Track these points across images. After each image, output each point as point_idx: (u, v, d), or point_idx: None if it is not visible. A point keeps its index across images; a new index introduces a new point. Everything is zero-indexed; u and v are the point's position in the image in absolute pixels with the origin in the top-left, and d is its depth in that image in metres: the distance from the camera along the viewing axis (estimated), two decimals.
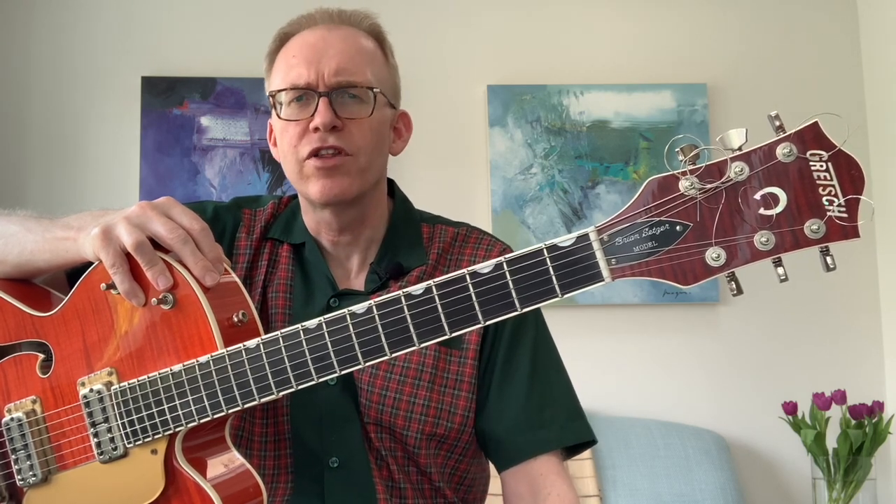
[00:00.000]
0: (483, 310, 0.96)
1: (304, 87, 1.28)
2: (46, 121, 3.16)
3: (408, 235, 1.40)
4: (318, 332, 1.02)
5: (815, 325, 3.21)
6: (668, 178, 0.90)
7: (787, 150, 0.85)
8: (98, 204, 2.29)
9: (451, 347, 1.33)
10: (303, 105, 1.29)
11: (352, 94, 1.29)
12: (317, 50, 1.29)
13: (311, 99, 1.27)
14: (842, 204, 0.84)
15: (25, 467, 1.15)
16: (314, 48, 1.29)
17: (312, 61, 1.28)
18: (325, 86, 1.27)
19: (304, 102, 1.29)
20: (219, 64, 3.16)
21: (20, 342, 1.19)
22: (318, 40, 1.30)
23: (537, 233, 3.17)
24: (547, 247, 0.93)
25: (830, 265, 0.85)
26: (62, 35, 3.18)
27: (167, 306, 1.08)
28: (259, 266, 1.37)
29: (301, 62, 1.28)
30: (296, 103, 1.29)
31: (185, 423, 1.07)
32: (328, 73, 1.27)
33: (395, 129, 1.39)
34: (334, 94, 1.27)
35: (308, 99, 1.28)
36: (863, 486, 2.80)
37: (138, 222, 1.07)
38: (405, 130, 1.42)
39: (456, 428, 1.32)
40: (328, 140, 1.26)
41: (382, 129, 1.33)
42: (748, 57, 3.31)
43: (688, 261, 0.89)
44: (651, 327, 3.18)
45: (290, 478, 1.30)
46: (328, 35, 1.31)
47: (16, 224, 1.24)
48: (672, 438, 2.93)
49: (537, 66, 3.26)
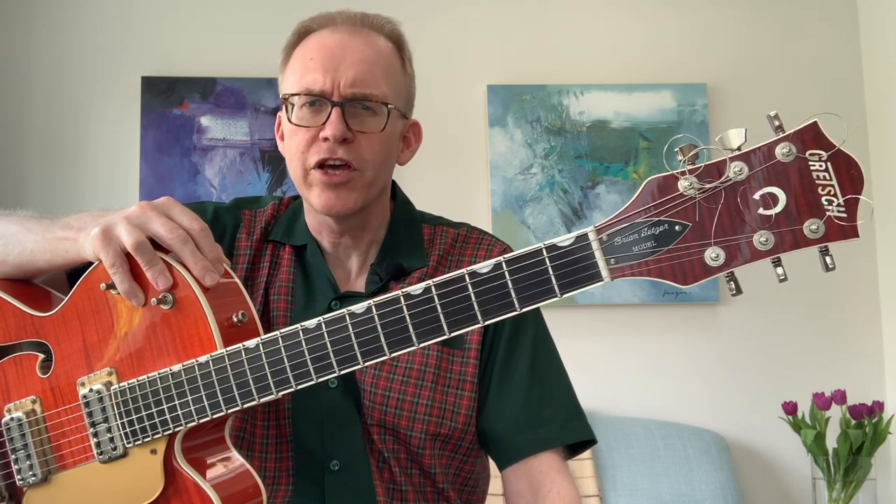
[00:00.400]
0: (482, 310, 0.96)
1: (318, 94, 1.26)
2: (46, 121, 3.16)
3: (409, 237, 1.39)
4: (317, 332, 1.02)
5: (815, 326, 3.21)
6: (667, 177, 0.89)
7: (786, 150, 0.85)
8: (98, 204, 2.29)
9: (454, 347, 1.33)
10: (315, 111, 1.27)
11: (365, 106, 1.27)
12: (335, 56, 1.27)
13: (324, 107, 1.26)
14: (841, 204, 0.84)
15: (25, 467, 1.15)
16: (332, 53, 1.27)
17: (329, 68, 1.26)
18: (340, 96, 1.25)
19: (316, 108, 1.27)
20: (219, 64, 3.16)
21: (20, 342, 1.19)
22: (337, 45, 1.28)
23: (537, 233, 3.17)
24: (546, 247, 0.93)
25: (830, 265, 0.85)
26: (62, 35, 3.18)
27: (167, 306, 1.08)
28: (261, 268, 1.37)
29: (318, 66, 1.27)
30: (308, 108, 1.28)
31: (184, 423, 1.07)
32: (344, 82, 1.25)
33: (404, 138, 1.38)
34: (348, 105, 1.26)
35: (321, 106, 1.26)
36: (863, 486, 2.80)
37: (138, 222, 1.07)
38: (414, 141, 1.41)
39: (460, 427, 1.32)
40: (337, 152, 1.25)
41: (392, 143, 1.32)
42: (748, 57, 3.30)
43: (687, 261, 0.89)
44: (651, 327, 3.18)
45: (290, 480, 1.30)
46: (348, 41, 1.29)
47: (16, 224, 1.24)
48: (672, 438, 2.93)
49: (537, 66, 3.25)
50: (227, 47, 3.18)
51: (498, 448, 1.34)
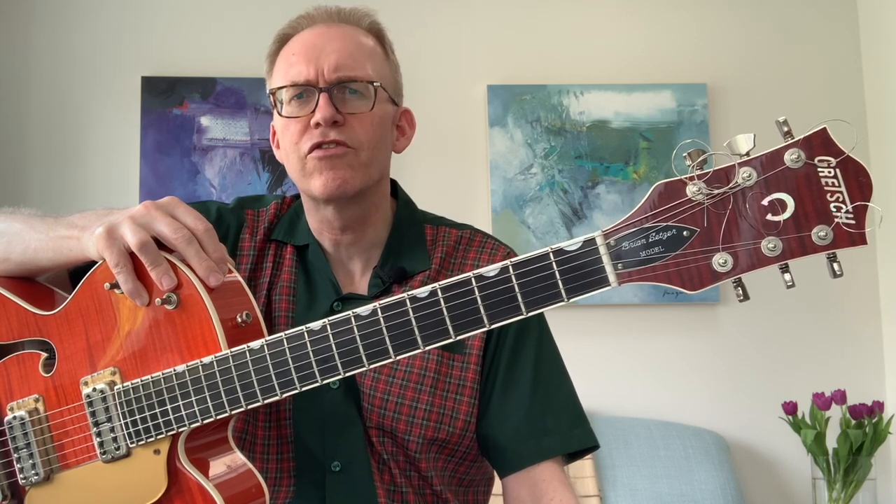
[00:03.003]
0: (489, 313, 0.95)
1: (304, 84, 1.27)
2: (46, 121, 3.15)
3: (411, 238, 1.39)
4: (322, 333, 1.02)
5: (815, 326, 3.21)
6: (675, 182, 0.89)
7: (795, 156, 0.85)
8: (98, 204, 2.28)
9: (454, 352, 1.32)
10: (303, 102, 1.28)
11: (352, 90, 1.28)
12: (316, 47, 1.29)
13: (312, 95, 1.27)
14: (850, 211, 0.84)
15: (28, 466, 1.15)
16: (313, 45, 1.29)
17: (312, 58, 1.27)
18: (325, 81, 1.26)
19: (304, 100, 1.28)
20: (219, 64, 3.16)
21: (23, 340, 1.18)
22: (318, 37, 1.30)
23: (537, 233, 3.17)
24: (553, 251, 0.93)
25: (837, 272, 0.85)
26: (62, 35, 3.18)
27: (171, 306, 1.07)
28: (264, 268, 1.37)
29: (301, 59, 1.28)
30: (296, 101, 1.29)
31: (188, 423, 1.07)
32: (328, 68, 1.27)
33: (398, 126, 1.38)
34: (334, 89, 1.27)
35: (308, 96, 1.28)
36: (863, 486, 2.80)
37: (143, 222, 1.07)
38: (408, 128, 1.42)
39: (458, 433, 1.31)
40: (329, 135, 1.25)
41: (384, 125, 1.32)
42: (748, 57, 3.31)
43: (694, 266, 0.89)
44: (651, 327, 3.18)
45: (292, 481, 1.29)
46: (327, 31, 1.31)
47: (20, 222, 1.24)
48: (672, 439, 2.93)
49: (537, 66, 3.25)
50: (227, 47, 3.18)
51: (500, 456, 1.33)
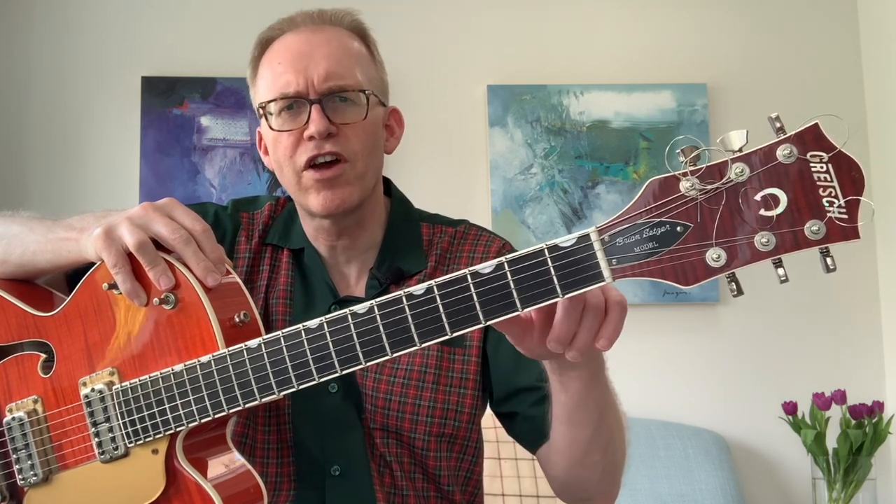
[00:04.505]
0: (484, 310, 0.95)
1: (294, 96, 1.25)
2: (46, 121, 3.16)
3: (407, 237, 1.38)
4: (319, 331, 1.02)
5: (815, 325, 3.21)
6: (668, 178, 0.89)
7: (787, 152, 0.85)
8: (98, 204, 2.28)
9: (454, 346, 1.32)
10: (294, 114, 1.26)
11: (343, 98, 1.26)
12: (303, 55, 1.26)
13: (303, 107, 1.25)
14: (842, 205, 0.84)
15: (26, 467, 1.15)
16: (300, 53, 1.27)
17: (300, 68, 1.25)
18: (316, 92, 1.25)
19: (295, 111, 1.26)
20: (219, 64, 3.16)
21: (22, 342, 1.19)
22: (303, 44, 1.28)
23: (537, 233, 3.17)
24: (548, 247, 0.93)
25: (831, 266, 0.85)
26: (62, 35, 3.18)
27: (169, 306, 1.08)
28: (260, 271, 1.37)
29: (288, 69, 1.26)
30: (286, 112, 1.27)
31: (186, 422, 1.07)
32: (317, 79, 1.25)
33: (387, 126, 1.37)
34: (326, 100, 1.25)
35: (299, 107, 1.26)
36: (863, 486, 2.80)
37: (141, 223, 1.07)
38: (397, 127, 1.40)
39: (464, 426, 1.32)
40: (324, 147, 1.24)
41: (377, 131, 1.32)
42: (748, 57, 3.31)
43: (688, 261, 0.89)
44: (651, 327, 3.17)
45: (292, 486, 1.30)
46: (312, 38, 1.29)
47: (18, 225, 1.24)
48: (672, 438, 2.93)
49: (537, 66, 3.26)
50: (227, 47, 3.17)
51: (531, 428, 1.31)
